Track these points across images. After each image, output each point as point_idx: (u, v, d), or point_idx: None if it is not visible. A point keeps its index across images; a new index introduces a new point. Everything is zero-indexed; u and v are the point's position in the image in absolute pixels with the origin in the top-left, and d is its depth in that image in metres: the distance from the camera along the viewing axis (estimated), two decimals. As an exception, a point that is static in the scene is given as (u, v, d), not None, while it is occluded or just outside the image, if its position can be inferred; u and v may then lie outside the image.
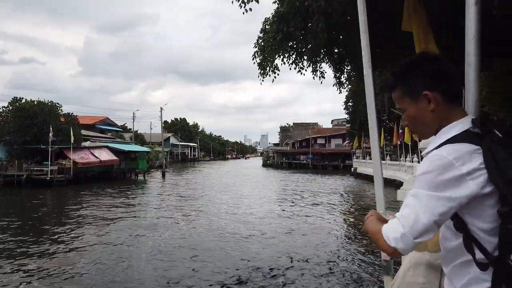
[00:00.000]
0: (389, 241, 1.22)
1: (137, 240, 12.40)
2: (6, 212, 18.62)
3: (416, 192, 1.21)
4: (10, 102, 33.06)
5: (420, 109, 1.34)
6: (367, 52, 2.34)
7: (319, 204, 21.75)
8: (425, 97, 1.31)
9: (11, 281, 8.41)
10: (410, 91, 1.35)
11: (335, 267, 9.49)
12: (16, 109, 31.92)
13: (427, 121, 1.34)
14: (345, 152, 65.53)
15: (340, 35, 9.26)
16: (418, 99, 1.33)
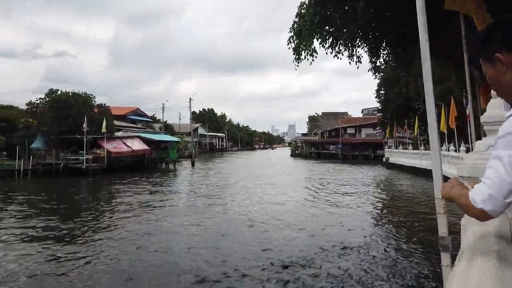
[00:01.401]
0: (476, 204, 1.27)
1: (170, 226, 12.53)
2: (47, 198, 19.34)
3: (498, 154, 1.24)
4: (47, 93, 34.25)
5: (497, 72, 1.36)
6: (424, 24, 2.32)
7: (350, 194, 21.31)
8: (499, 59, 1.33)
9: (50, 260, 8.66)
10: (488, 55, 1.39)
11: (368, 255, 9.19)
12: (52, 100, 33.02)
13: (505, 84, 1.36)
14: (376, 142, 64.03)
15: (379, 17, 8.84)
16: (494, 62, 1.36)
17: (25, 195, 20.65)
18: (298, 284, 7.39)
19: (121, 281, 7.69)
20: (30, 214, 14.96)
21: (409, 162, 35.18)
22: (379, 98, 49.37)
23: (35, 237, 11.28)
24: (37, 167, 29.77)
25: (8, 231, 11.89)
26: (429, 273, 8.06)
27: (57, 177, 29.08)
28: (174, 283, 7.45)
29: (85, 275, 7.98)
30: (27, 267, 8.42)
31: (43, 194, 21.38)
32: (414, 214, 15.18)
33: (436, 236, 2.36)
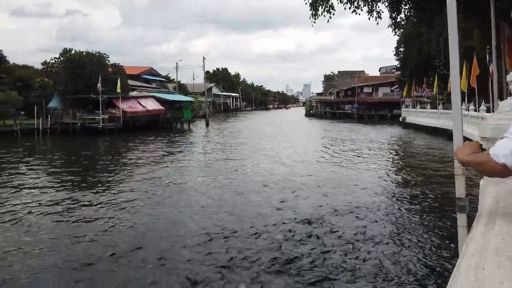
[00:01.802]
0: (498, 159, 1.23)
1: (185, 184, 12.78)
2: (66, 156, 19.86)
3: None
4: (61, 53, 34.19)
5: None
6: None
7: (365, 153, 21.19)
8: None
9: (68, 212, 9.01)
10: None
11: (381, 214, 9.24)
12: (66, 60, 33.00)
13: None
14: (393, 101, 62.75)
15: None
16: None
17: (46, 153, 21.26)
18: (312, 240, 7.51)
19: (138, 233, 7.96)
20: (52, 171, 15.43)
21: (426, 122, 34.52)
22: (398, 56, 47.76)
23: (56, 190, 11.68)
24: (55, 126, 30.37)
25: (31, 186, 12.33)
26: (443, 233, 8.08)
27: (74, 136, 29.68)
28: (190, 237, 7.67)
29: (102, 228, 8.28)
30: (50, 219, 8.78)
31: (63, 152, 21.95)
32: (430, 174, 15.05)
33: (452, 197, 2.38)
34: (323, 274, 6.06)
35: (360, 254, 6.87)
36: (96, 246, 7.30)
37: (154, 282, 5.84)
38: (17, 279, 5.92)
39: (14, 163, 17.31)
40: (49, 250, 7.08)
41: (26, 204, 10.28)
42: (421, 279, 5.97)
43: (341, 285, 5.73)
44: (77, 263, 6.52)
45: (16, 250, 7.05)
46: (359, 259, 6.67)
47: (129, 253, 6.95)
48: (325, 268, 6.29)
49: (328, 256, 6.75)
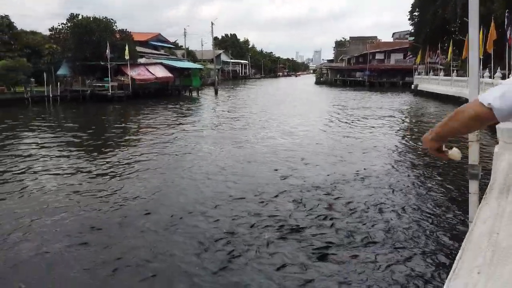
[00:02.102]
0: (485, 101, 1.15)
1: (193, 151, 12.88)
2: (77, 124, 20.05)
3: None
4: (68, 18, 33.74)
5: None
6: None
7: (375, 121, 20.98)
8: None
9: (78, 178, 9.21)
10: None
11: (390, 182, 9.25)
12: (74, 25, 32.60)
13: None
14: (406, 68, 61.34)
15: None
16: None
17: (57, 120, 21.47)
18: (320, 207, 7.59)
19: (147, 199, 8.11)
20: (63, 138, 15.64)
21: (439, 89, 33.82)
22: (412, 20, 46.15)
23: (67, 156, 11.88)
24: (65, 93, 30.47)
25: (43, 152, 12.55)
26: (454, 201, 8.08)
27: (84, 103, 29.82)
28: (198, 204, 7.80)
29: (111, 193, 8.45)
30: (60, 184, 8.98)
31: (74, 119, 22.17)
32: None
33: (464, 165, 2.36)
34: (331, 240, 6.15)
35: (369, 221, 6.93)
36: (106, 211, 7.48)
37: (163, 247, 6.00)
38: (28, 241, 6.14)
39: (26, 130, 17.55)
40: (57, 214, 7.27)
41: (37, 169, 10.50)
42: (432, 244, 6.03)
43: (349, 252, 5.81)
44: (86, 226, 6.71)
45: (27, 215, 7.26)
46: (367, 226, 6.73)
47: (139, 218, 7.11)
48: (333, 235, 6.38)
49: (337, 223, 6.83)
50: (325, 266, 5.38)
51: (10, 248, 5.91)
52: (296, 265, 5.38)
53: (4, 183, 9.31)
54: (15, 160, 11.63)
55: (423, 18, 41.89)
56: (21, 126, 18.88)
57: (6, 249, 5.90)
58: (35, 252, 5.79)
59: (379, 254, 5.66)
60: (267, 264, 5.42)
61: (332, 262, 5.48)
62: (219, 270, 5.25)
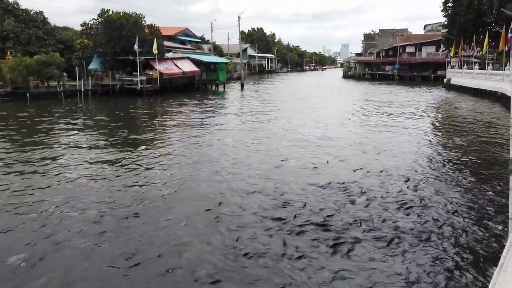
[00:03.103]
0: None
1: (221, 144, 12.92)
2: (109, 117, 20.56)
3: None
4: (99, 14, 34.51)
5: None
6: None
7: (406, 116, 20.39)
8: None
9: (111, 168, 9.42)
10: None
11: (419, 180, 8.94)
12: (104, 20, 33.32)
13: None
14: (438, 62, 59.38)
15: None
16: None
17: (89, 113, 22.08)
18: (349, 202, 7.43)
19: (177, 190, 8.19)
20: (95, 130, 16.08)
21: (473, 84, 32.46)
22: (446, 12, 44.40)
23: (100, 147, 12.19)
24: (96, 87, 31.27)
25: (75, 143, 12.93)
26: (490, 198, 7.73)
27: (114, 97, 30.51)
28: (229, 194, 7.81)
29: (145, 181, 8.59)
30: (93, 174, 9.21)
31: (105, 112, 22.74)
32: (476, 139, 14.32)
33: (501, 161, 2.20)
34: (360, 235, 6.01)
35: (399, 218, 6.72)
36: (137, 199, 7.60)
37: (198, 234, 6.04)
38: (65, 226, 6.31)
39: (59, 122, 18.13)
40: (92, 202, 7.45)
41: (72, 159, 10.82)
42: (474, 240, 5.79)
43: (379, 249, 5.67)
44: (118, 215, 6.84)
45: (65, 202, 7.48)
46: (398, 222, 6.54)
47: (170, 208, 7.20)
48: (365, 228, 6.23)
49: (366, 218, 6.67)
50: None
51: (50, 230, 6.12)
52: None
53: (43, 170, 9.65)
54: (51, 150, 12.04)
55: (457, 9, 40.25)
56: (55, 118, 19.53)
57: (48, 231, 6.11)
58: (72, 235, 5.96)
59: (418, 249, 5.54)
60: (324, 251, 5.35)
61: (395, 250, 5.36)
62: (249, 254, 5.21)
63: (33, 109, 23.05)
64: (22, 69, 27.56)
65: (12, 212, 7.10)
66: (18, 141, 13.81)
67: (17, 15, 32.08)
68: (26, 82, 27.97)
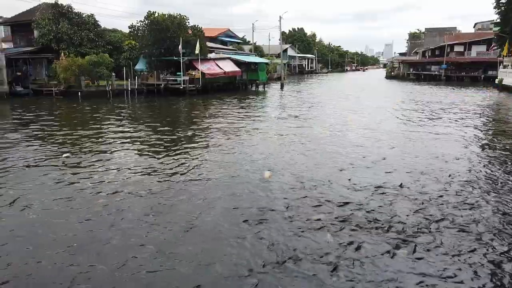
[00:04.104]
0: None
1: (263, 144, 13.03)
2: (155, 114, 21.35)
3: None
4: (145, 16, 35.77)
5: None
6: None
7: (453, 119, 19.53)
8: None
9: (155, 163, 9.79)
10: None
11: (465, 188, 8.55)
12: (150, 22, 34.52)
13: None
14: (488, 61, 56.23)
15: None
16: None
17: (136, 110, 23.02)
18: (398, 206, 7.28)
19: (218, 189, 8.38)
20: (142, 127, 16.75)
21: (529, 84, 30.49)
22: (498, 9, 41.97)
23: (145, 145, 12.70)
24: (142, 87, 32.52)
25: (124, 140, 13.55)
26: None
27: (159, 96, 31.56)
28: (270, 193, 7.89)
29: (186, 181, 8.86)
30: (135, 170, 9.62)
31: (151, 110, 23.62)
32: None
33: None
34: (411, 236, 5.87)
35: (457, 219, 6.50)
36: (176, 196, 7.86)
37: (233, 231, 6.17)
38: (110, 214, 6.67)
39: (109, 120, 19.04)
40: (132, 196, 7.81)
41: (117, 155, 11.37)
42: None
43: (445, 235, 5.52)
44: (153, 209, 7.12)
45: (114, 191, 7.89)
46: (458, 218, 6.32)
47: (210, 208, 7.39)
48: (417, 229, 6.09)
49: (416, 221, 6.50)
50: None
51: (96, 218, 6.50)
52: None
53: (90, 161, 10.22)
54: (102, 143, 12.71)
55: (511, 5, 37.92)
56: (105, 115, 20.54)
57: (95, 217, 6.51)
58: (113, 222, 6.29)
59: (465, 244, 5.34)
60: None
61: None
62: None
63: (85, 107, 24.37)
64: (74, 69, 29.23)
65: (77, 189, 7.60)
66: (74, 135, 14.68)
67: (71, 18, 33.95)
68: (78, 81, 29.61)
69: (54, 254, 5.54)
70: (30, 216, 6.91)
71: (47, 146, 12.71)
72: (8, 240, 5.96)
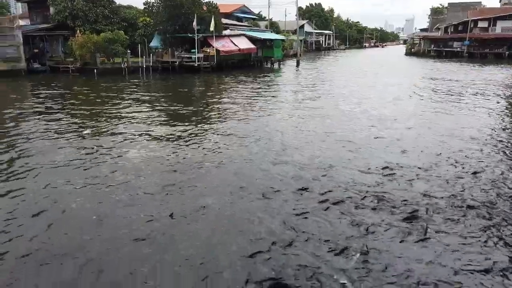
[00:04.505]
0: None
1: (276, 121, 12.93)
2: (170, 91, 21.39)
3: None
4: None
5: None
6: None
7: (474, 97, 18.94)
8: None
9: (168, 140, 9.85)
10: None
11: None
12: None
13: None
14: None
15: None
16: None
17: (151, 87, 23.09)
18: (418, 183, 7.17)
19: (231, 167, 8.39)
20: (157, 104, 16.83)
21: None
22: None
23: (160, 122, 12.78)
24: (157, 64, 32.50)
25: (138, 116, 13.66)
26: None
27: (174, 74, 31.52)
28: (284, 167, 7.86)
29: (201, 158, 8.90)
30: (148, 146, 9.71)
31: (165, 87, 23.65)
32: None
33: None
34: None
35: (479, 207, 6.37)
36: (190, 173, 7.91)
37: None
38: (126, 191, 6.77)
39: (125, 97, 19.16)
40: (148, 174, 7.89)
41: (133, 131, 11.48)
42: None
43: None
44: (165, 186, 7.19)
45: (128, 166, 8.00)
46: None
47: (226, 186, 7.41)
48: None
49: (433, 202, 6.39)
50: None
51: (112, 189, 6.63)
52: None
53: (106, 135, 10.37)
54: (118, 118, 12.85)
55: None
56: (120, 93, 20.68)
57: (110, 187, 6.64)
58: (129, 197, 6.40)
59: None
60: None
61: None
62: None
63: (101, 84, 24.57)
64: (90, 46, 29.33)
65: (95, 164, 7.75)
66: (91, 111, 14.87)
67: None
68: (94, 58, 29.76)
69: (74, 226, 5.71)
70: (48, 189, 7.10)
71: (67, 122, 12.96)
72: (31, 212, 6.17)
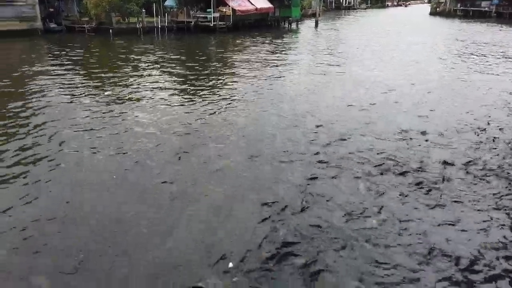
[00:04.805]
0: None
1: (289, 81, 12.75)
2: (185, 52, 21.17)
3: None
4: None
5: None
6: None
7: (499, 64, 18.14)
8: None
9: (183, 100, 9.88)
10: None
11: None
12: (181, -45, 32.92)
13: None
14: (549, -4, 50.56)
15: None
16: None
17: (168, 49, 22.88)
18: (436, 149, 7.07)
19: (248, 128, 8.40)
20: (173, 66, 16.73)
21: None
22: None
23: (176, 83, 12.76)
24: (172, 24, 31.90)
25: (156, 78, 13.66)
26: None
27: (189, 34, 31.00)
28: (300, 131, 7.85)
29: (215, 122, 8.92)
30: (166, 102, 9.76)
31: (180, 48, 23.39)
32: None
33: None
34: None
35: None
36: (204, 137, 7.96)
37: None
38: (137, 154, 6.89)
39: (140, 58, 19.08)
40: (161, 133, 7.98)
41: (149, 93, 11.52)
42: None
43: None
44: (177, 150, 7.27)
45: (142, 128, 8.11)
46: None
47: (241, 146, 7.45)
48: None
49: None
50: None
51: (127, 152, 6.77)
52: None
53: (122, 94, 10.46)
54: (134, 81, 12.89)
55: None
56: (136, 54, 20.57)
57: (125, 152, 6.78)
58: (141, 161, 6.53)
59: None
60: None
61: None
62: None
63: (117, 44, 24.42)
64: (105, 4, 28.86)
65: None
66: (109, 72, 14.92)
67: (100, -50, 32.82)
68: (109, 18, 29.38)
69: (92, 191, 5.90)
70: (66, 153, 7.29)
71: (86, 83, 13.07)
72: (51, 176, 6.38)
